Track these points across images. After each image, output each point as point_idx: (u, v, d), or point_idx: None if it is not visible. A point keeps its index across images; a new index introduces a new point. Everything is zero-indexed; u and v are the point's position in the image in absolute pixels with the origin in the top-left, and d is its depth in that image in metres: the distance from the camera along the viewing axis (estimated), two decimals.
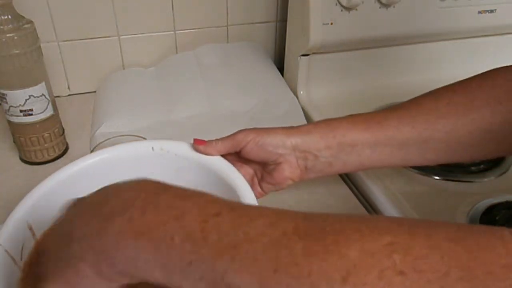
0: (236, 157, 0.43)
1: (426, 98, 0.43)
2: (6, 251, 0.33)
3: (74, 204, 0.31)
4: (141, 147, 0.43)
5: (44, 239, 0.32)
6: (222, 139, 0.42)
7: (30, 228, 0.37)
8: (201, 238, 0.23)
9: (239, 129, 0.43)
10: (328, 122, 0.43)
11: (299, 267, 0.21)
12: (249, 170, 0.46)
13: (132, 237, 0.24)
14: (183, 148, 0.42)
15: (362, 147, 0.42)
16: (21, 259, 0.35)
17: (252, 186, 0.45)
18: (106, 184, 0.44)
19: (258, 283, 0.21)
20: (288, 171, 0.43)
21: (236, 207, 0.25)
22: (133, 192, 0.27)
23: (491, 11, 0.73)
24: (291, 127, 0.43)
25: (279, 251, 0.22)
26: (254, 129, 0.43)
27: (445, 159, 0.43)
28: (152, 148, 0.42)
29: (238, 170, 0.40)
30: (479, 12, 0.72)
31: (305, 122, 0.67)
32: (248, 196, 0.36)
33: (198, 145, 0.41)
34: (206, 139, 0.42)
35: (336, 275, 0.20)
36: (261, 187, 0.46)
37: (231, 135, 0.43)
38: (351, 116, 0.43)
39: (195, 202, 0.25)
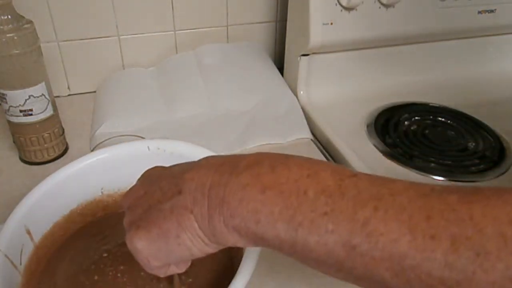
0: None
1: None
2: (6, 256, 0.33)
3: (170, 166, 0.29)
4: (138, 146, 0.43)
5: (131, 194, 0.31)
6: None
7: (28, 233, 0.37)
8: (338, 193, 0.22)
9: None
10: None
11: (457, 213, 0.20)
12: None
13: (260, 191, 0.24)
14: (179, 147, 0.42)
15: None
16: (20, 263, 0.35)
17: None
18: (103, 184, 0.43)
19: (407, 229, 0.20)
20: None
21: (370, 174, 0.24)
22: (258, 156, 0.26)
23: (491, 11, 0.73)
24: None
25: (430, 201, 0.21)
26: None
27: None
28: (148, 147, 0.42)
29: None
30: (479, 12, 0.72)
31: (305, 122, 0.67)
32: None
33: None
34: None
35: (503, 217, 0.19)
36: None
37: None
38: None
39: (327, 165, 0.25)
